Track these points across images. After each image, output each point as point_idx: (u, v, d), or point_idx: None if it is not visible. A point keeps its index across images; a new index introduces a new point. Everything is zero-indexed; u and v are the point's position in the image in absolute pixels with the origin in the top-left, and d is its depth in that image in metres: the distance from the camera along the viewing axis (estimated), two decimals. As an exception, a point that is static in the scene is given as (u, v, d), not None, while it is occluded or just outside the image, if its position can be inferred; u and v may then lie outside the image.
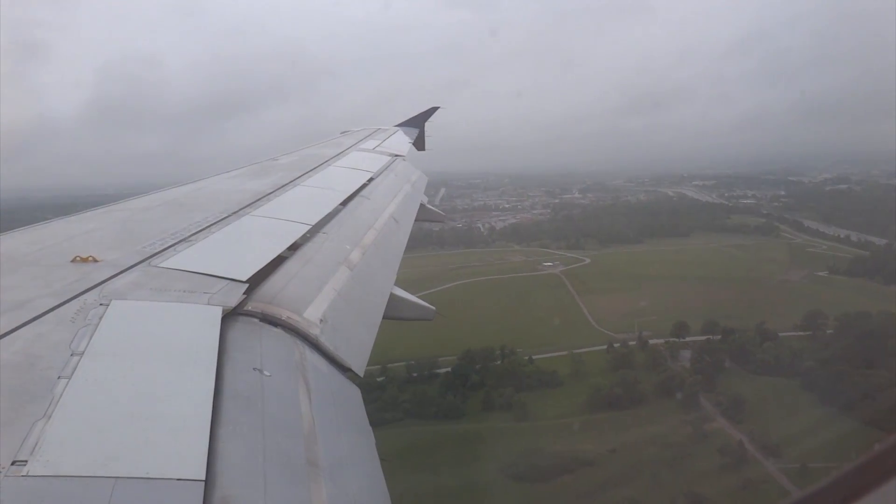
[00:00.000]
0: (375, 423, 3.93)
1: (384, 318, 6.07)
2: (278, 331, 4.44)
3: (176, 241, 5.73)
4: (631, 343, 65.72)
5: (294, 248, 6.33)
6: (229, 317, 4.33)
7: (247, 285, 4.84)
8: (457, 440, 50.81)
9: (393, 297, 6.65)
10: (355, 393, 4.27)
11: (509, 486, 43.68)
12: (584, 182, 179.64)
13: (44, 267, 4.84)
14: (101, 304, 4.10)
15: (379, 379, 57.82)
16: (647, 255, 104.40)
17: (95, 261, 4.99)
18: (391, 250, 7.86)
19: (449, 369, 61.77)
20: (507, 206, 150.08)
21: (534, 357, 63.76)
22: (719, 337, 64.40)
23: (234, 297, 4.56)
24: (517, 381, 58.41)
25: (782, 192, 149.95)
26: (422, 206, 11.64)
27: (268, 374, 3.69)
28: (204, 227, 6.31)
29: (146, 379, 3.32)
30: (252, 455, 2.89)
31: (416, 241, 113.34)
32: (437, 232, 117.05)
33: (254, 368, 3.70)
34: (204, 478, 2.57)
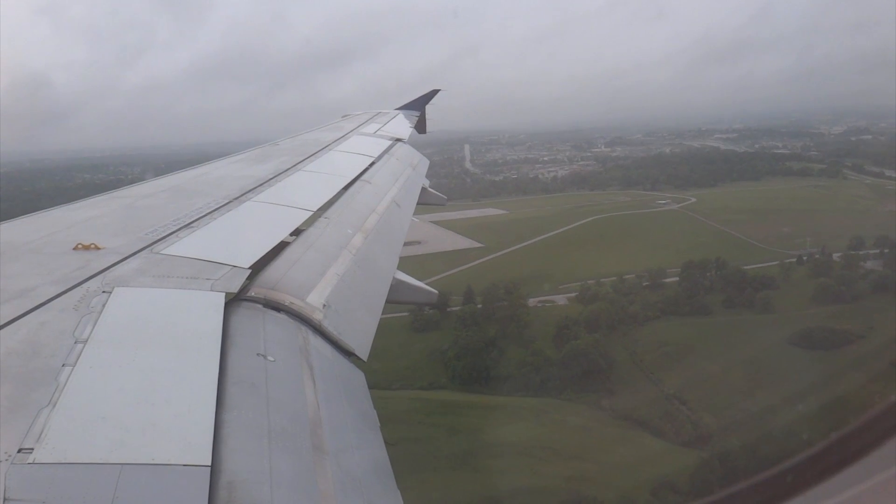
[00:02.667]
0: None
1: (387, 302, 6.07)
2: (282, 316, 4.44)
3: (178, 227, 5.73)
4: (804, 257, 72.88)
5: (296, 233, 6.32)
6: (232, 303, 4.33)
7: (249, 271, 4.84)
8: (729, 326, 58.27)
9: (396, 281, 6.65)
10: (360, 377, 4.27)
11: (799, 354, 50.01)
12: (603, 137, 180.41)
13: (46, 255, 4.84)
14: (104, 292, 4.10)
15: (645, 284, 68.11)
16: (745, 193, 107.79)
17: (98, 248, 4.99)
18: (393, 234, 7.85)
19: (676, 278, 69.02)
20: (546, 159, 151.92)
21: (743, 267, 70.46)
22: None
23: (237, 282, 4.56)
24: (747, 283, 65.82)
25: (811, 143, 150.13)
26: (423, 189, 11.61)
27: (272, 359, 3.69)
28: (206, 213, 6.30)
29: (150, 366, 3.33)
30: (257, 440, 2.90)
31: (486, 192, 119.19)
32: (499, 181, 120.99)
33: (258, 354, 3.71)
34: (210, 463, 2.58)
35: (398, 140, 13.67)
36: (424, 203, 11.62)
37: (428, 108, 19.31)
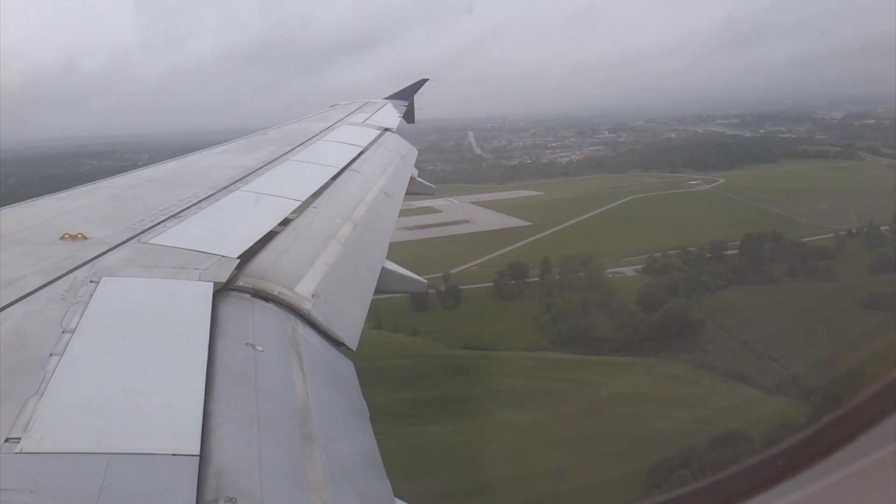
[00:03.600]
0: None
1: (376, 292, 6.07)
2: (270, 306, 4.44)
3: (166, 217, 5.70)
4: (853, 230, 74.01)
5: (285, 223, 6.31)
6: (221, 292, 4.32)
7: (238, 261, 4.83)
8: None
9: (384, 270, 6.65)
10: (349, 366, 4.28)
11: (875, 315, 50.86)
12: (604, 124, 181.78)
13: (33, 244, 4.81)
14: (91, 282, 4.08)
15: (708, 255, 69.82)
16: (769, 175, 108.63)
17: (85, 238, 4.96)
18: (382, 224, 7.84)
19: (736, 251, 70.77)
20: (554, 145, 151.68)
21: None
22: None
23: (226, 272, 4.55)
24: (806, 254, 68.28)
25: (815, 128, 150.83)
26: (412, 178, 11.60)
27: (260, 349, 3.69)
28: (194, 202, 6.27)
29: (138, 355, 3.32)
30: (246, 430, 2.90)
31: (507, 176, 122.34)
32: (516, 166, 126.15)
33: (246, 343, 3.70)
34: (198, 453, 2.58)
35: (387, 129, 13.64)
36: (413, 192, 11.62)
37: (423, 96, 19.35)
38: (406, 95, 19.23)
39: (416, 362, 46.03)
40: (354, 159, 9.97)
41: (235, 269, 4.71)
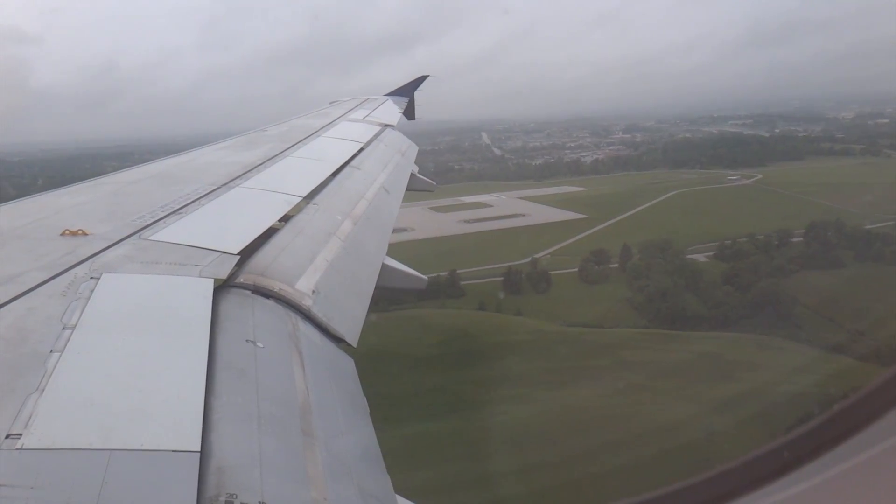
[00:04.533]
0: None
1: (376, 288, 6.07)
2: (270, 302, 4.44)
3: (166, 213, 5.70)
4: None
5: (285, 219, 6.31)
6: (221, 289, 4.32)
7: (238, 257, 4.83)
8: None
9: (385, 267, 6.66)
10: (349, 363, 4.28)
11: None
12: (616, 124, 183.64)
13: (33, 241, 4.81)
14: (92, 278, 4.08)
15: (775, 242, 72.12)
16: (801, 171, 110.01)
17: (85, 234, 4.97)
18: (382, 220, 7.84)
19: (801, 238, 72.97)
20: (572, 145, 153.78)
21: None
22: None
23: (226, 269, 4.55)
24: (872, 239, 70.36)
25: (830, 127, 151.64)
26: (412, 175, 11.60)
27: (261, 345, 3.70)
28: (194, 199, 6.27)
29: (139, 351, 3.32)
30: (246, 426, 2.90)
31: (537, 173, 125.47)
32: (540, 165, 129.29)
33: (247, 340, 3.71)
34: (199, 449, 2.58)
35: (387, 126, 13.63)
36: (413, 189, 11.62)
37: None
38: (406, 92, 19.21)
39: (535, 337, 47.15)
40: (355, 156, 9.96)
41: (236, 265, 4.71)
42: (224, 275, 4.45)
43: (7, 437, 2.48)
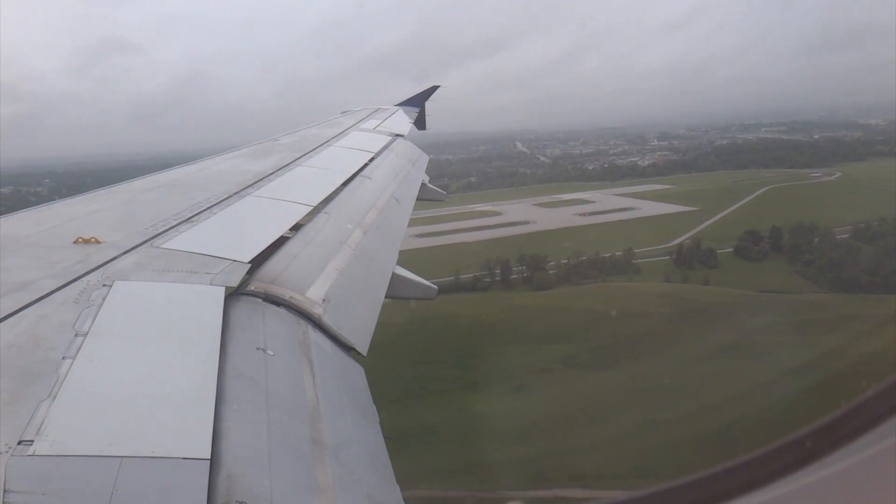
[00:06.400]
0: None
1: (386, 297, 6.08)
2: (281, 310, 4.44)
3: (178, 221, 5.73)
4: None
5: (296, 228, 6.33)
6: (232, 297, 4.33)
7: (249, 265, 4.84)
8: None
9: (395, 276, 6.66)
10: (359, 371, 4.28)
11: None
12: (650, 132, 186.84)
13: (46, 248, 4.84)
14: (104, 285, 4.10)
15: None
16: (871, 170, 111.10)
17: (98, 242, 4.99)
18: (393, 230, 7.85)
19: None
20: (617, 150, 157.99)
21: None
22: None
23: (237, 277, 4.56)
24: None
25: (871, 132, 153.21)
26: (423, 185, 11.62)
27: (271, 353, 3.70)
28: (206, 207, 6.30)
29: (150, 359, 3.33)
30: (257, 434, 2.90)
31: (610, 175, 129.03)
32: (595, 170, 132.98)
33: (257, 348, 3.71)
34: (209, 457, 2.58)
35: (398, 136, 13.67)
36: (424, 199, 11.64)
37: (432, 105, 19.43)
38: (417, 102, 19.30)
39: (744, 301, 54.81)
40: (365, 165, 10.00)
41: (247, 273, 4.73)
42: (235, 283, 4.47)
43: (19, 443, 2.49)
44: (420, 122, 18.47)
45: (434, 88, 20.15)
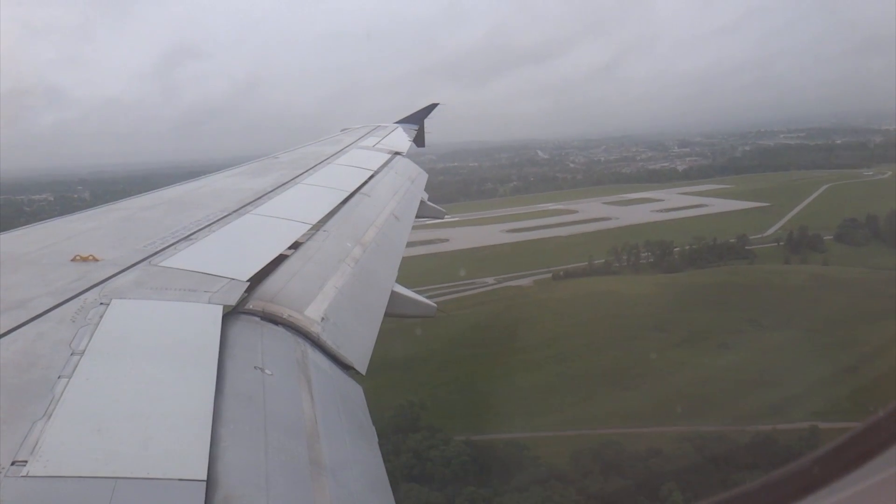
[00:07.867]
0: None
1: (386, 315, 6.05)
2: (279, 329, 4.42)
3: (176, 239, 5.72)
4: None
5: (295, 246, 6.31)
6: (230, 315, 4.31)
7: (248, 284, 4.83)
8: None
9: (394, 294, 6.64)
10: (357, 391, 4.25)
11: None
12: (669, 140, 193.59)
13: (44, 266, 4.83)
14: (101, 304, 4.08)
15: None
16: None
17: (96, 260, 4.98)
18: (392, 248, 7.84)
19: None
20: (645, 156, 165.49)
21: None
22: None
23: (235, 295, 4.54)
24: None
25: (893, 138, 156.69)
26: (422, 202, 11.63)
27: (269, 372, 3.67)
28: (205, 225, 6.29)
29: (147, 378, 3.31)
30: (254, 454, 2.87)
31: (654, 177, 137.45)
32: (633, 173, 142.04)
33: (255, 367, 3.68)
34: (206, 478, 2.55)
35: (397, 153, 13.70)
36: (423, 216, 11.64)
37: (432, 120, 19.52)
38: (416, 120, 19.38)
39: (867, 275, 66.39)
40: (365, 183, 10.00)
41: (245, 292, 4.71)
42: (233, 301, 4.44)
43: (13, 463, 2.46)
44: (419, 140, 18.54)
45: (433, 106, 20.24)
